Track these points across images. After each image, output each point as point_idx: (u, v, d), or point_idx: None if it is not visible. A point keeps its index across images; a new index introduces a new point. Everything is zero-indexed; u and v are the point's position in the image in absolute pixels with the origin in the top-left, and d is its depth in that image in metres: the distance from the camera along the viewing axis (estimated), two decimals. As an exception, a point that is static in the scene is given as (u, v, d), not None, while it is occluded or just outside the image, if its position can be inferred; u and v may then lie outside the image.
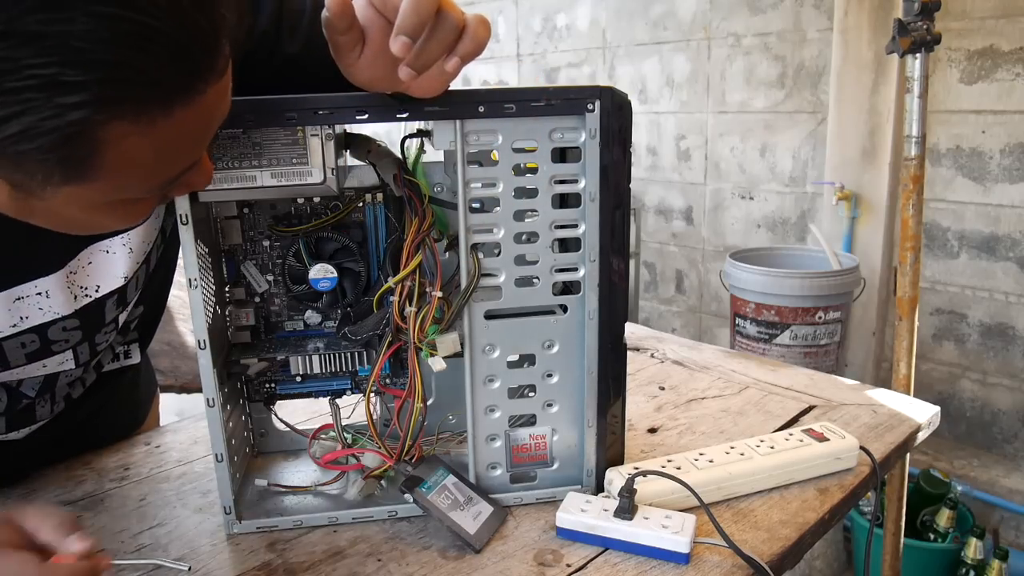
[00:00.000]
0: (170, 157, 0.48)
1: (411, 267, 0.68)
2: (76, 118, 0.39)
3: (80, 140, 0.40)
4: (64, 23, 0.36)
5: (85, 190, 0.45)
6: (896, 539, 1.62)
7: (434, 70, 0.56)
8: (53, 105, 0.38)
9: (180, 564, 0.70)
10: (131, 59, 0.39)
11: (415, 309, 0.69)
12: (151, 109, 0.42)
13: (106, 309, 0.73)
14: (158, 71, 0.40)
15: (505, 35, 3.36)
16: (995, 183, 2.15)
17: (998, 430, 2.29)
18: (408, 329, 0.69)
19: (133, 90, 0.40)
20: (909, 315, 1.55)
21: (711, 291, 2.89)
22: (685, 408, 1.01)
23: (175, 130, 0.44)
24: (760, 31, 2.55)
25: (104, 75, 0.38)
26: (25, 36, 0.36)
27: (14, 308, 0.64)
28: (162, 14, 0.39)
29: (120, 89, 0.39)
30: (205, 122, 0.48)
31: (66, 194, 0.45)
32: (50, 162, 0.41)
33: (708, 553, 0.69)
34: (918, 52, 1.43)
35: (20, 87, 0.37)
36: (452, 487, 0.74)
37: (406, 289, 0.69)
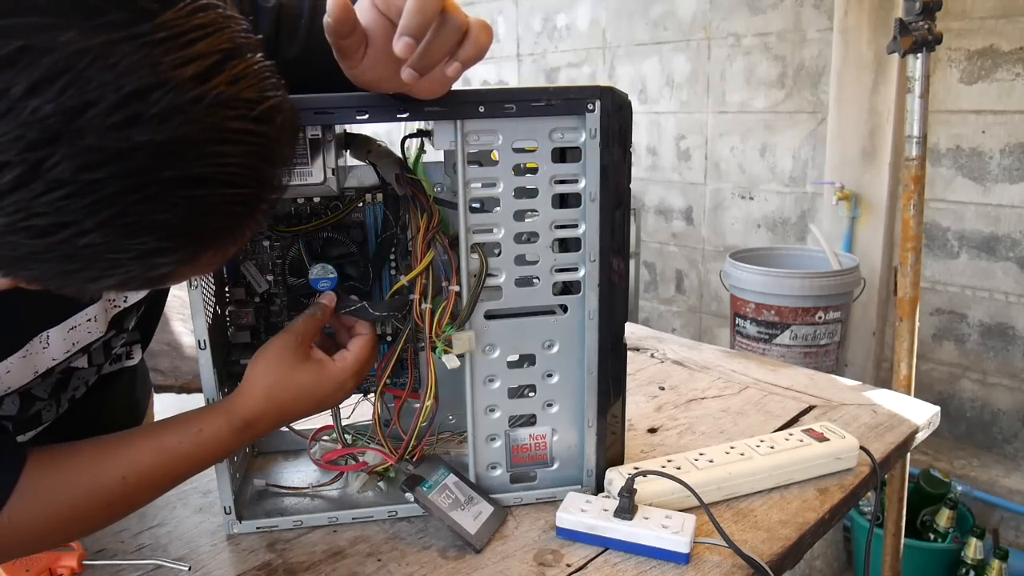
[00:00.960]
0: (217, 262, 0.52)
1: (425, 263, 0.68)
2: (166, 271, 0.43)
3: (163, 280, 0.45)
4: (160, 211, 0.40)
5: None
6: (896, 539, 1.61)
7: (436, 72, 0.56)
8: (148, 266, 0.42)
9: (180, 564, 0.70)
10: (216, 223, 0.43)
11: (430, 306, 0.69)
12: (225, 249, 0.47)
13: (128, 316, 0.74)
14: (237, 224, 0.45)
15: (505, 35, 3.36)
16: (995, 183, 2.15)
17: (998, 430, 2.29)
18: (424, 327, 0.69)
19: (216, 243, 0.45)
20: (910, 316, 1.55)
21: (711, 291, 2.89)
22: (685, 408, 1.01)
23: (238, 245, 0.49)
24: (760, 31, 2.55)
25: (193, 240, 0.43)
26: (125, 225, 0.39)
27: (68, 337, 0.66)
28: (242, 181, 0.43)
29: (205, 244, 0.44)
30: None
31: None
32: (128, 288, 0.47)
33: (708, 553, 0.69)
34: (919, 52, 1.42)
35: (119, 259, 0.41)
36: (453, 486, 0.74)
37: (421, 286, 0.69)
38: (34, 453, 0.61)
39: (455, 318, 0.70)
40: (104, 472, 0.61)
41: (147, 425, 0.65)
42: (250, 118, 0.42)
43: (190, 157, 0.40)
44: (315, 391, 0.67)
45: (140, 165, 0.38)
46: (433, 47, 0.54)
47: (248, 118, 0.42)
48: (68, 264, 0.40)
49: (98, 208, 0.38)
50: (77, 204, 0.38)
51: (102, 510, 0.63)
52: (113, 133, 0.37)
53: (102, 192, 0.38)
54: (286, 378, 0.66)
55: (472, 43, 0.55)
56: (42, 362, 0.65)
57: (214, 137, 0.40)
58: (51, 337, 0.64)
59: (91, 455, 0.62)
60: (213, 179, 0.41)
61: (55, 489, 0.60)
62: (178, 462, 0.64)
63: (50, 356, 0.65)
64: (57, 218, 0.38)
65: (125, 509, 0.65)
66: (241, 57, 0.42)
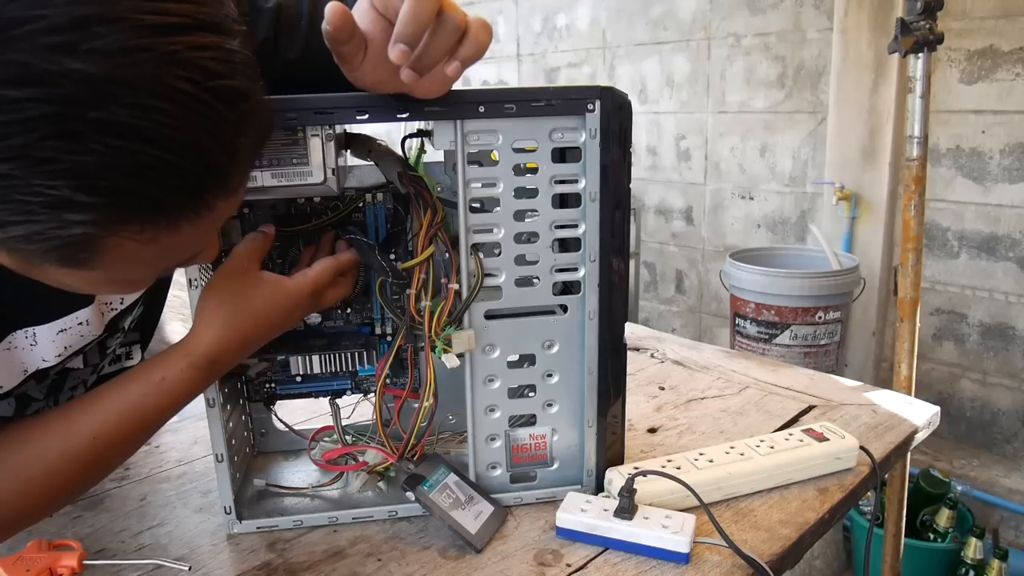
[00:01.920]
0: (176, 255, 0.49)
1: (425, 255, 0.68)
2: (79, 232, 0.40)
3: (80, 247, 0.42)
4: (78, 152, 0.37)
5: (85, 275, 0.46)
6: (896, 539, 1.62)
7: (436, 72, 0.56)
8: (59, 219, 0.39)
9: (180, 564, 0.70)
10: (140, 188, 0.40)
11: (430, 304, 0.69)
12: (155, 228, 0.43)
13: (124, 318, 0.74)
14: (166, 198, 0.42)
15: (505, 35, 3.36)
16: (995, 183, 2.15)
17: (998, 430, 2.29)
18: (423, 324, 0.69)
19: (138, 212, 0.41)
20: (911, 316, 1.55)
21: (711, 291, 2.89)
22: (685, 408, 1.01)
23: (179, 239, 0.45)
24: (760, 31, 2.55)
25: (111, 200, 0.40)
26: (38, 160, 0.37)
27: (59, 339, 0.65)
28: (178, 147, 0.40)
29: (126, 211, 0.41)
30: (212, 227, 0.49)
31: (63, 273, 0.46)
32: (49, 257, 0.43)
33: (708, 553, 0.69)
34: (920, 52, 1.42)
35: (27, 201, 0.38)
36: (453, 486, 0.74)
37: (420, 281, 0.69)
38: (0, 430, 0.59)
39: (454, 317, 0.70)
40: (73, 436, 0.59)
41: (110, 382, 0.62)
42: (204, 87, 0.40)
43: (122, 102, 0.37)
44: (271, 311, 0.64)
45: (66, 95, 0.36)
46: (432, 48, 0.54)
47: (202, 86, 0.40)
48: None
49: (13, 131, 0.36)
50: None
51: (79, 474, 0.61)
52: (47, 53, 0.36)
53: (21, 114, 0.36)
54: (239, 304, 0.63)
55: (472, 42, 0.55)
56: (31, 361, 0.65)
57: (154, 90, 0.38)
58: (38, 335, 0.64)
59: (57, 422, 0.60)
60: (144, 134, 0.38)
61: (26, 463, 0.59)
62: (146, 414, 0.61)
63: (40, 356, 0.65)
64: None
65: (102, 469, 0.63)
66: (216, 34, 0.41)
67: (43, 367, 0.66)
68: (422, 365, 0.76)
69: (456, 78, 0.57)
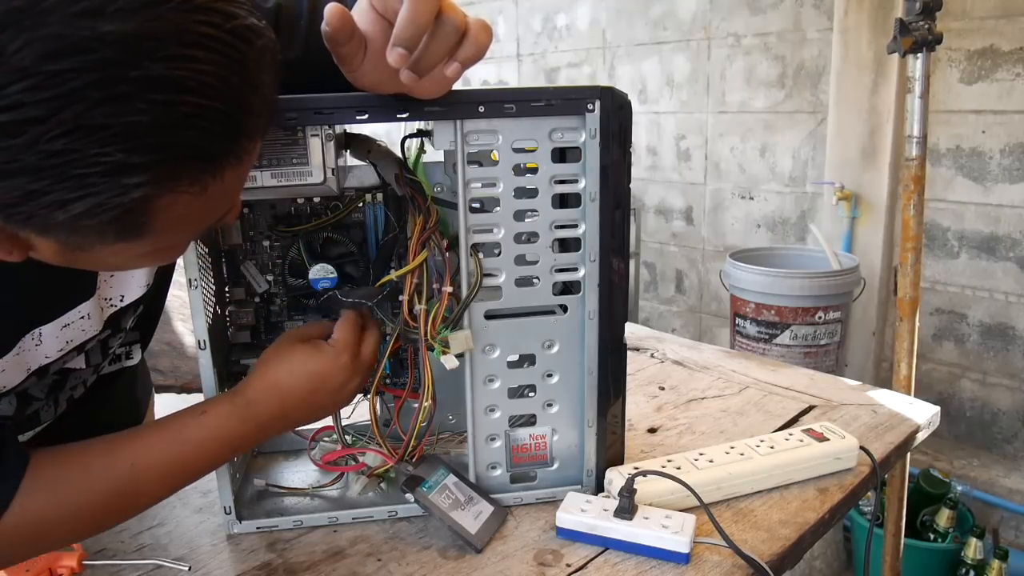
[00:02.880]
0: (216, 210, 0.50)
1: (417, 262, 0.68)
2: (137, 195, 0.41)
3: (138, 212, 0.43)
4: (126, 113, 0.38)
5: (135, 245, 0.47)
6: (896, 539, 1.61)
7: (436, 73, 0.56)
8: (117, 186, 0.40)
9: (180, 564, 0.70)
10: (188, 138, 0.41)
11: (425, 307, 0.69)
12: (204, 178, 0.44)
13: (125, 316, 0.74)
14: (212, 145, 0.43)
15: (505, 35, 3.36)
16: (995, 183, 2.15)
17: (998, 430, 2.29)
18: (418, 327, 0.69)
19: (190, 164, 0.43)
20: (910, 316, 1.55)
21: (711, 291, 2.89)
22: (685, 408, 1.01)
23: (223, 188, 0.46)
24: (760, 31, 2.55)
25: (164, 155, 0.41)
26: (91, 128, 0.38)
27: (62, 335, 0.66)
28: (215, 92, 0.41)
29: (178, 165, 0.42)
30: (246, 173, 0.50)
31: (115, 249, 0.47)
32: (107, 230, 0.44)
33: (708, 553, 0.69)
34: (919, 52, 1.42)
35: (86, 174, 0.39)
36: (453, 487, 0.74)
37: (413, 286, 0.69)
38: (40, 453, 0.61)
39: (453, 319, 0.70)
40: (114, 462, 0.62)
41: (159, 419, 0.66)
42: (224, 28, 0.41)
43: (157, 56, 0.38)
44: (312, 368, 0.67)
45: (105, 59, 0.37)
46: (431, 50, 0.54)
47: (221, 28, 0.41)
48: (34, 180, 0.39)
49: (62, 104, 0.37)
50: (40, 97, 0.37)
51: (113, 502, 0.62)
52: (78, 21, 0.37)
53: (66, 86, 0.37)
54: (282, 356, 0.67)
55: (471, 43, 0.55)
56: (35, 359, 0.65)
57: (183, 39, 0.39)
58: (43, 334, 0.64)
59: (100, 448, 0.62)
60: (182, 84, 0.40)
61: (63, 485, 0.60)
62: (184, 446, 0.64)
63: (43, 354, 0.65)
64: (20, 114, 0.37)
65: (136, 501, 0.65)
66: None
67: (44, 363, 0.66)
68: (422, 365, 0.76)
69: (455, 79, 0.58)
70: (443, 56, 0.55)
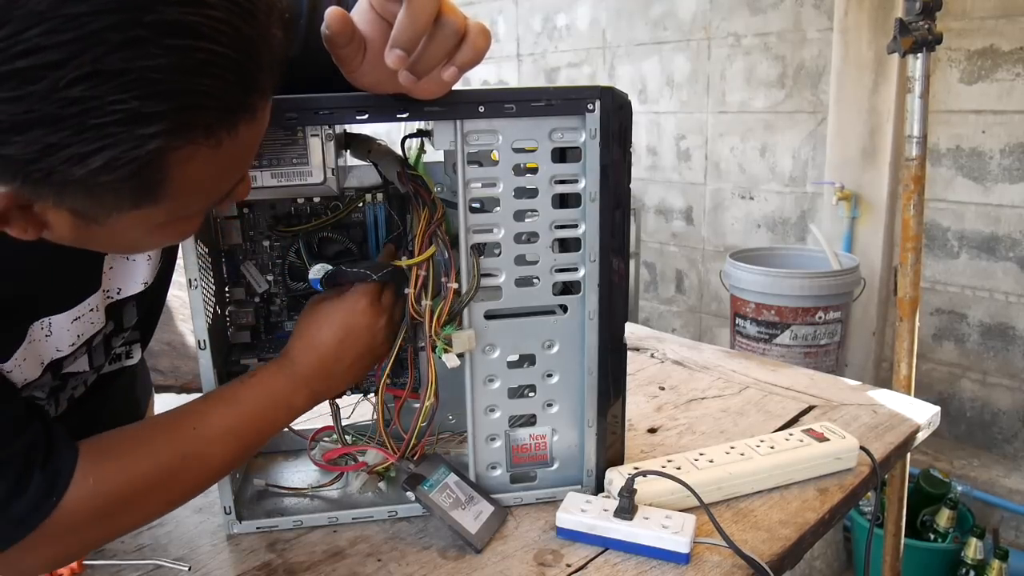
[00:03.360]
0: (230, 173, 0.50)
1: (426, 255, 0.68)
2: (154, 146, 0.41)
3: (155, 167, 0.43)
4: (142, 58, 0.39)
5: (151, 213, 0.47)
6: (896, 539, 1.61)
7: (434, 75, 0.56)
8: (134, 136, 0.40)
9: (180, 564, 0.70)
10: (203, 86, 0.41)
11: (430, 303, 0.69)
12: (219, 131, 0.44)
13: (125, 313, 0.74)
14: (226, 94, 0.43)
15: (505, 35, 3.36)
16: (995, 183, 2.15)
17: (998, 430, 2.29)
18: (423, 321, 0.69)
19: (205, 114, 0.42)
20: (910, 316, 1.55)
21: (711, 291, 2.89)
22: (685, 408, 1.01)
23: (236, 147, 0.46)
24: (760, 31, 2.55)
25: (179, 103, 0.41)
26: (109, 74, 0.38)
27: (73, 328, 0.66)
28: (228, 40, 0.41)
29: (194, 115, 0.42)
30: (259, 135, 0.50)
31: (131, 218, 0.47)
32: (124, 190, 0.43)
33: (708, 553, 0.69)
34: (919, 52, 1.42)
35: (103, 123, 0.39)
36: (454, 486, 0.74)
37: (420, 279, 0.69)
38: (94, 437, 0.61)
39: (453, 316, 0.70)
40: (175, 429, 0.64)
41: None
42: None
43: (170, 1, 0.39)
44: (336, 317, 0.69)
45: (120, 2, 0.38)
46: (429, 52, 0.54)
47: None
48: (52, 132, 0.39)
49: (80, 48, 0.37)
50: (58, 40, 0.37)
51: (181, 466, 0.63)
52: None
53: (84, 29, 0.37)
54: (312, 314, 0.70)
55: (469, 47, 0.56)
56: (47, 352, 0.65)
57: None
58: (53, 325, 0.64)
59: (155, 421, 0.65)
60: (196, 30, 0.40)
61: (128, 455, 0.61)
62: (240, 406, 0.66)
63: (54, 346, 0.65)
64: (38, 59, 0.37)
65: (205, 464, 0.65)
66: None
67: (57, 357, 0.66)
68: (422, 365, 0.76)
69: (453, 83, 0.58)
70: (441, 58, 0.56)
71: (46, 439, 0.57)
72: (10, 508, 0.56)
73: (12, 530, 0.56)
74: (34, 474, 0.56)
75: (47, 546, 0.59)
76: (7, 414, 0.57)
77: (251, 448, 0.68)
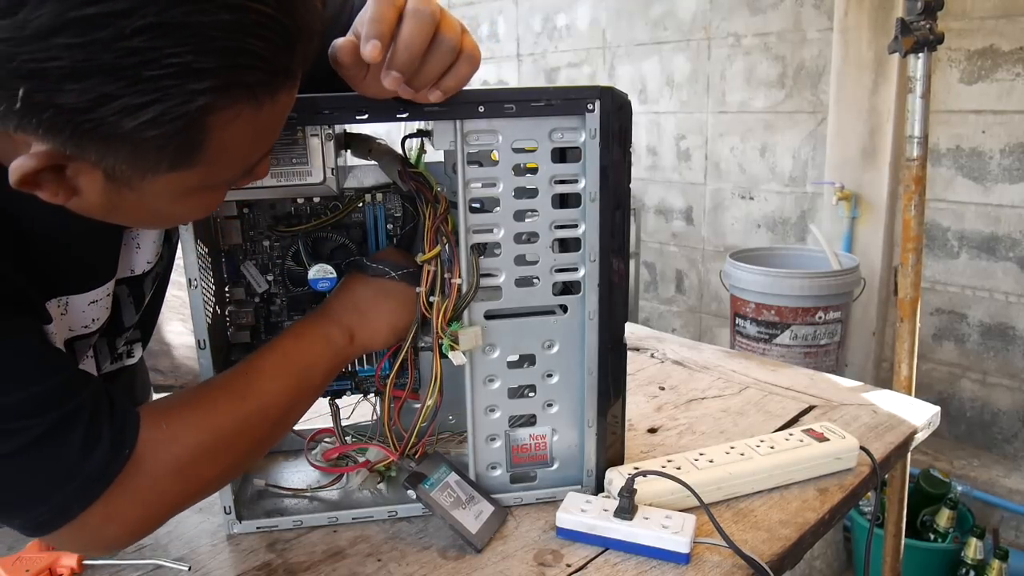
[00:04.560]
0: (262, 141, 0.52)
1: (434, 252, 0.68)
2: (203, 103, 0.42)
3: (199, 126, 0.44)
4: (201, 14, 0.40)
5: (184, 177, 0.48)
6: (896, 539, 1.61)
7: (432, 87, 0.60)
8: (185, 91, 0.42)
9: (180, 564, 0.70)
10: (253, 46, 0.43)
11: (438, 299, 0.69)
12: (262, 93, 0.46)
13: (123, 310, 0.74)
14: (273, 56, 0.45)
15: (505, 35, 3.36)
16: (995, 183, 2.15)
17: (998, 430, 2.29)
18: (432, 318, 0.69)
19: (252, 74, 0.44)
20: (911, 316, 1.55)
21: (711, 291, 2.89)
22: (685, 408, 1.01)
23: (273, 114, 0.48)
24: (760, 31, 2.55)
25: (231, 61, 0.42)
26: (170, 27, 0.40)
27: (88, 310, 0.66)
28: (276, 5, 0.43)
29: (242, 74, 0.43)
30: (288, 107, 0.51)
31: (164, 182, 0.48)
32: (167, 148, 0.44)
33: (708, 553, 0.69)
34: (920, 52, 1.42)
35: (158, 75, 0.40)
36: (455, 485, 0.74)
37: (430, 276, 0.69)
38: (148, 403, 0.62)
39: (457, 313, 0.70)
40: (230, 378, 0.65)
41: None
42: None
43: None
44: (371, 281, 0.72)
45: None
46: (425, 71, 0.58)
47: None
48: (109, 81, 0.40)
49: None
50: None
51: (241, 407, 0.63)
52: None
53: None
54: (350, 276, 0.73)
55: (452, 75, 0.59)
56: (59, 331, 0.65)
57: None
58: (71, 305, 0.64)
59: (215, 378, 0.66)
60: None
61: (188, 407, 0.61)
62: (280, 346, 0.67)
63: (67, 326, 0.65)
64: (107, 7, 0.38)
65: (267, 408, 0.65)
66: None
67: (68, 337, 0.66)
68: (422, 366, 0.76)
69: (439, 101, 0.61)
70: (437, 76, 0.59)
71: (108, 397, 0.57)
72: (85, 463, 0.54)
73: (90, 487, 0.55)
74: (104, 427, 0.55)
75: (128, 506, 0.57)
76: (69, 370, 0.57)
77: (305, 385, 0.68)
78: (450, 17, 0.58)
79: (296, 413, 0.69)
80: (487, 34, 3.42)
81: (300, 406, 0.68)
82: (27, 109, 0.41)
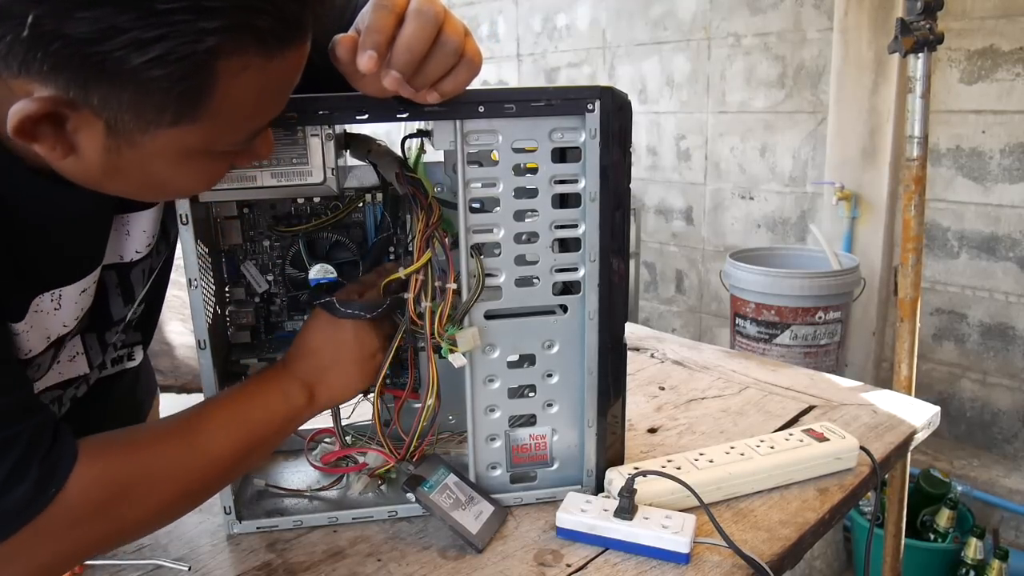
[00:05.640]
0: (269, 102, 0.51)
1: (423, 260, 0.68)
2: (211, 43, 0.42)
3: (206, 70, 0.43)
4: None
5: (186, 133, 0.47)
6: (896, 539, 1.61)
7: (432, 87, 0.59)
8: (194, 29, 0.41)
9: (180, 564, 0.70)
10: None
11: (431, 305, 0.69)
12: (270, 46, 0.45)
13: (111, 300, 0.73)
14: (284, 5, 0.45)
15: (505, 35, 3.36)
16: (995, 183, 2.15)
17: (998, 430, 2.29)
18: (424, 325, 0.69)
19: (262, 19, 0.44)
20: (911, 316, 1.55)
21: (711, 291, 2.89)
22: (685, 408, 1.01)
23: (279, 73, 0.48)
24: (760, 31, 2.55)
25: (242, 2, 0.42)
26: None
27: (80, 300, 0.65)
28: None
29: (252, 17, 0.43)
30: (296, 72, 0.51)
31: (166, 138, 0.47)
32: (172, 93, 0.44)
33: (708, 553, 0.69)
34: (921, 52, 1.42)
35: (169, 9, 0.40)
36: (454, 486, 0.74)
37: (419, 284, 0.68)
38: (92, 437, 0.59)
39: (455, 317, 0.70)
40: (175, 421, 0.63)
41: None
42: None
43: None
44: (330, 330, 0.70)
45: None
46: (427, 71, 0.57)
47: None
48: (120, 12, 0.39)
49: None
50: None
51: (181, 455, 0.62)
52: None
53: None
54: (309, 324, 0.71)
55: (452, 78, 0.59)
56: (54, 327, 0.64)
57: None
58: (63, 297, 0.63)
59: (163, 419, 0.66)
60: None
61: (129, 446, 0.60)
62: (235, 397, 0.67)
63: (61, 321, 0.64)
64: None
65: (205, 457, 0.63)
66: None
67: (62, 333, 0.65)
68: (422, 365, 0.76)
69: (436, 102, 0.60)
70: (438, 77, 0.58)
71: (52, 430, 0.55)
72: (7, 496, 0.52)
73: (8, 521, 0.53)
74: (33, 463, 0.53)
75: (44, 544, 0.55)
76: (17, 396, 0.55)
77: (254, 443, 0.66)
78: (454, 19, 0.57)
79: (241, 468, 0.68)
80: (487, 34, 3.42)
81: (246, 462, 0.67)
82: (35, 39, 0.40)
